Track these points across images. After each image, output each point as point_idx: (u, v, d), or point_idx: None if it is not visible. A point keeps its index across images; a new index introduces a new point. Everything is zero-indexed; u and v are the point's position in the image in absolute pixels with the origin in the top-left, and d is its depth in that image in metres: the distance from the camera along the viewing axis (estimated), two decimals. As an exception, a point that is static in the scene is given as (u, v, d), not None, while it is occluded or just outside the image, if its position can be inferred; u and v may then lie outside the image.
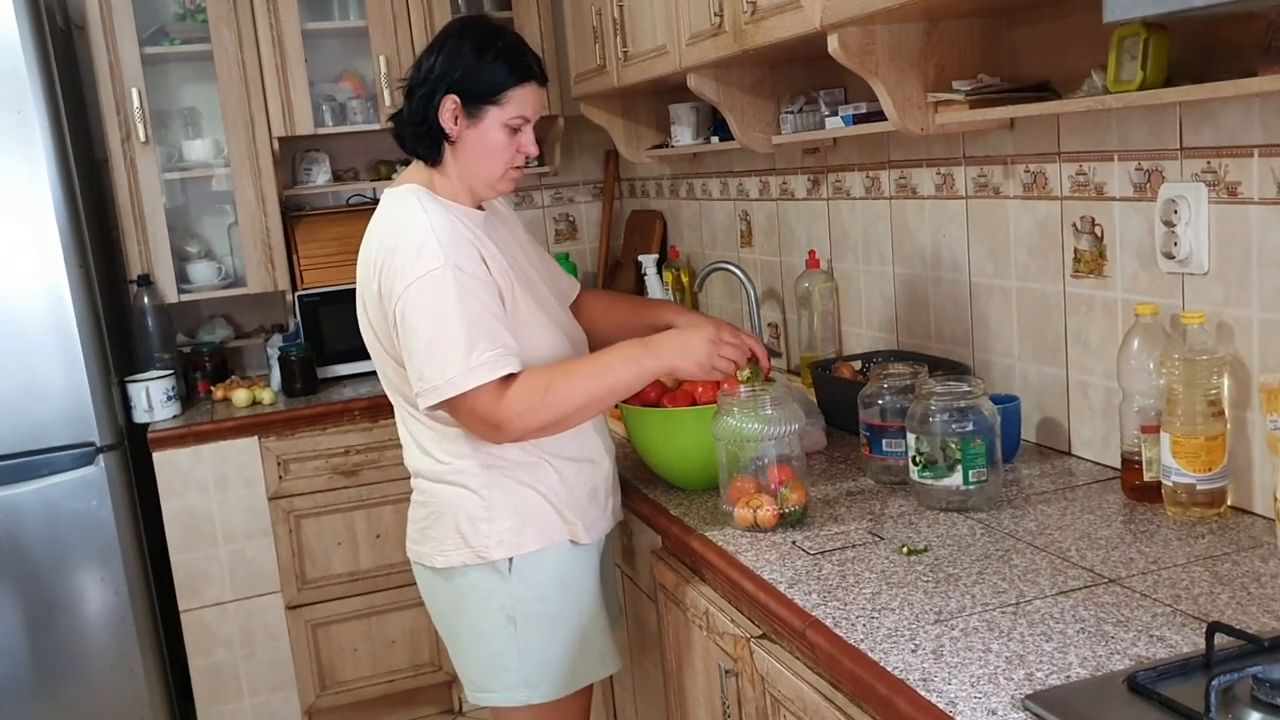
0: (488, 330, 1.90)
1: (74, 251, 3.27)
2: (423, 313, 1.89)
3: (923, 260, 2.60)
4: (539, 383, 1.91)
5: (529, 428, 1.92)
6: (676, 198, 4.03)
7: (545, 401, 1.90)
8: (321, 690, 3.64)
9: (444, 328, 1.88)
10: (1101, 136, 2.04)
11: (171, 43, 3.75)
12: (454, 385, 1.87)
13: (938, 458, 1.96)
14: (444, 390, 1.88)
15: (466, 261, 1.93)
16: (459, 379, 1.87)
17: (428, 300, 1.89)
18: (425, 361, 1.89)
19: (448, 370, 1.87)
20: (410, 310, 1.90)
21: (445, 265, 1.89)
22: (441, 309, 1.88)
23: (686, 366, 1.98)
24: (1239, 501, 1.85)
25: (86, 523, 3.31)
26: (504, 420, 1.89)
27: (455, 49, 2.00)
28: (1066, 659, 1.39)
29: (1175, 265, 1.90)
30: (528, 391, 1.90)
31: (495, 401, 1.88)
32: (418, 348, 1.90)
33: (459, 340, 1.87)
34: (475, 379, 1.87)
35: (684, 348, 1.98)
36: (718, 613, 1.92)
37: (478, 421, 1.92)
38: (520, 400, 1.89)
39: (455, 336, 1.87)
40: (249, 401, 3.59)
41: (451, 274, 1.89)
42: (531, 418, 1.91)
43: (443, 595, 2.12)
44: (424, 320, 1.89)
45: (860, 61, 2.14)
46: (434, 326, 1.88)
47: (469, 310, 1.89)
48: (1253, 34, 1.66)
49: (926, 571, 1.72)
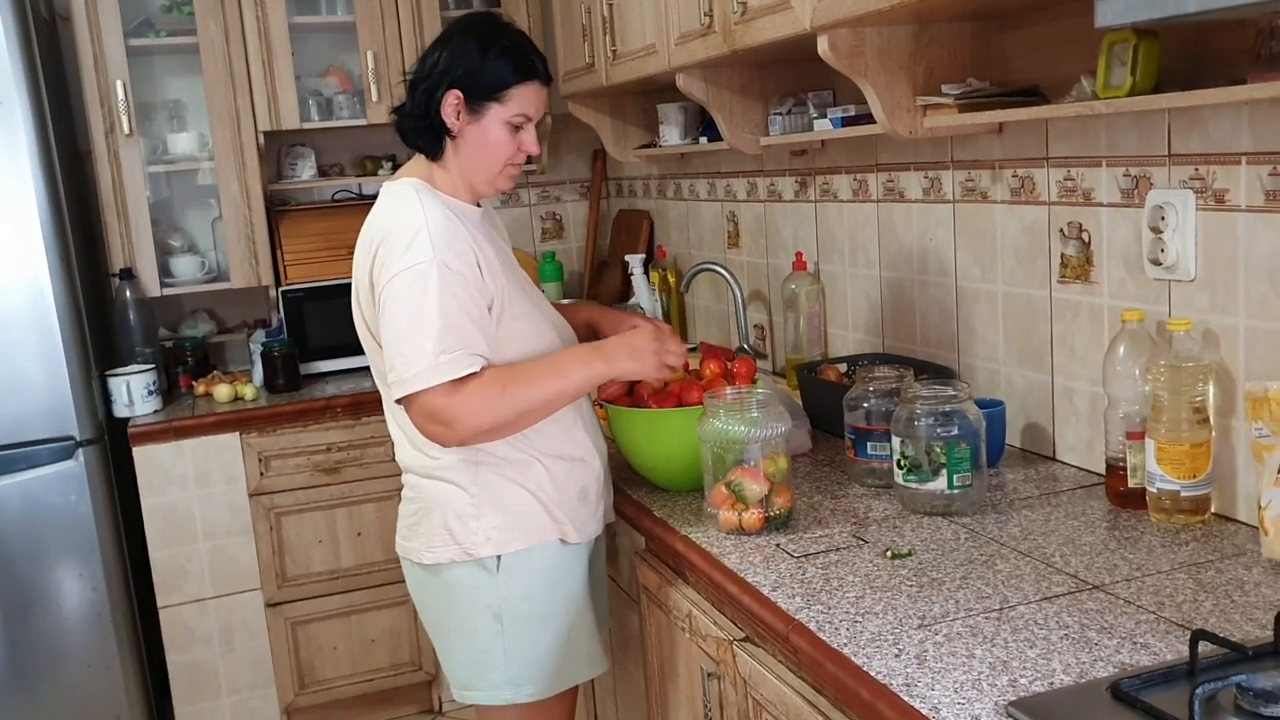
0: (459, 331, 1.89)
1: (55, 244, 3.24)
2: (402, 305, 1.89)
3: (909, 264, 2.59)
4: (495, 382, 1.90)
5: (480, 427, 1.91)
6: (664, 198, 4.02)
7: (500, 401, 1.90)
8: (300, 689, 3.61)
9: (419, 322, 1.88)
10: (1090, 142, 2.04)
11: (157, 35, 3.73)
12: (416, 380, 1.87)
13: (922, 461, 1.96)
14: (407, 385, 1.88)
15: (456, 259, 1.92)
16: (421, 375, 1.87)
17: (408, 293, 1.88)
18: (398, 352, 1.89)
19: (415, 365, 1.87)
20: (391, 302, 1.90)
21: (432, 260, 1.89)
22: (421, 304, 1.88)
23: (636, 369, 2.04)
24: (1223, 509, 1.85)
25: (65, 518, 3.28)
26: (455, 417, 1.88)
27: (460, 45, 2.00)
28: (1050, 665, 1.38)
29: (1162, 272, 1.90)
30: (482, 391, 1.89)
31: (449, 399, 1.87)
32: (392, 339, 1.90)
33: (430, 336, 1.87)
34: (435, 377, 1.86)
35: (633, 351, 2.03)
36: (701, 615, 1.91)
37: (428, 419, 1.90)
38: (475, 398, 1.88)
39: (428, 332, 1.87)
40: (231, 397, 3.57)
41: (437, 269, 1.88)
42: (484, 416, 1.90)
43: (430, 592, 2.11)
44: (401, 313, 1.89)
45: (850, 64, 2.13)
46: (410, 320, 1.88)
47: (446, 308, 1.88)
48: (1243, 41, 1.66)
49: (910, 576, 1.71)
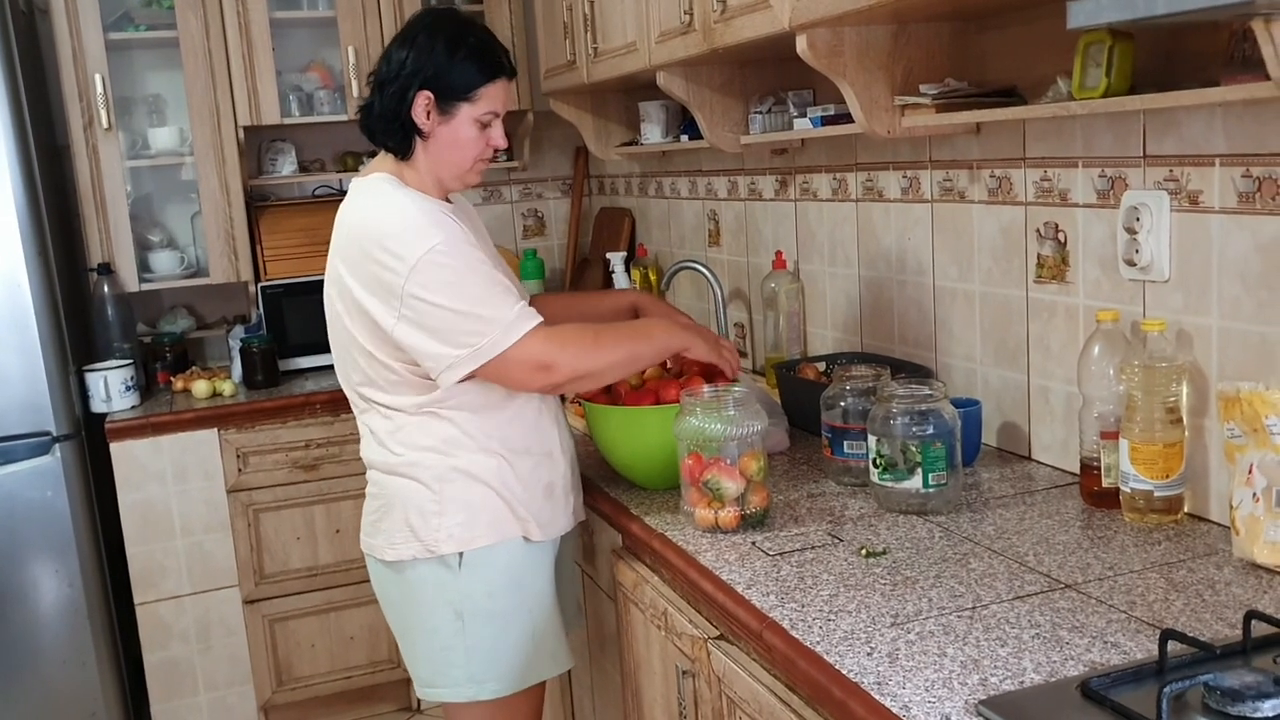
0: (504, 287, 1.95)
1: (33, 238, 3.23)
2: (438, 287, 1.89)
3: (888, 263, 2.60)
4: (588, 331, 2.02)
5: (578, 370, 1.98)
6: (645, 196, 4.02)
7: (595, 347, 2.00)
8: (278, 686, 3.60)
9: (468, 293, 1.91)
10: (1066, 143, 2.04)
11: (136, 29, 3.71)
12: (505, 339, 1.91)
13: (898, 460, 1.96)
14: (489, 350, 1.90)
15: (455, 234, 1.95)
16: (506, 332, 1.91)
17: (439, 274, 1.90)
18: (457, 329, 1.90)
19: (489, 331, 1.90)
20: (422, 289, 1.89)
21: (440, 240, 1.91)
22: (458, 278, 1.91)
23: (700, 347, 2.13)
24: (1196, 509, 1.86)
25: (41, 513, 3.27)
26: (554, 361, 1.94)
27: (427, 46, 2.00)
28: (1021, 664, 1.39)
29: (1136, 272, 1.91)
30: (578, 336, 1.99)
31: (545, 344, 1.93)
32: (443, 321, 1.90)
33: (489, 300, 1.91)
34: (521, 328, 1.92)
35: (701, 334, 2.15)
36: (676, 613, 1.91)
37: (529, 367, 1.94)
38: (571, 343, 1.97)
39: (484, 298, 1.91)
40: (209, 393, 3.56)
41: (448, 245, 1.91)
42: (581, 360, 1.98)
43: (393, 588, 2.11)
44: (443, 293, 1.90)
45: (828, 63, 2.13)
46: (457, 295, 1.90)
47: (481, 274, 1.93)
48: (1216, 44, 1.67)
49: (884, 574, 1.71)
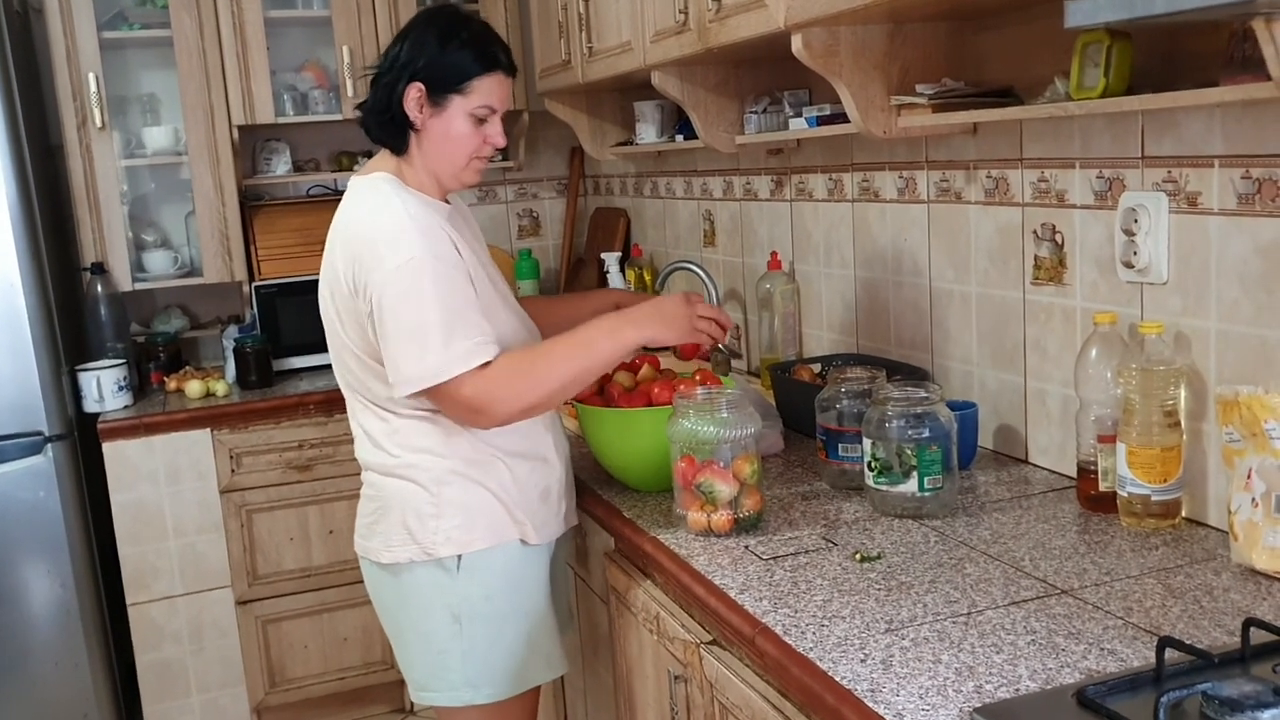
0: (466, 317, 1.89)
1: (26, 238, 3.21)
2: (402, 300, 1.87)
3: (884, 264, 2.58)
4: (520, 363, 1.91)
5: (513, 410, 1.91)
6: (641, 196, 4.00)
7: (528, 382, 1.90)
8: (271, 687, 3.58)
9: (424, 315, 1.86)
10: (1064, 144, 2.03)
11: (130, 28, 3.69)
12: (434, 374, 1.86)
13: (893, 463, 1.95)
14: (424, 379, 1.87)
15: (443, 249, 1.92)
16: (440, 367, 1.86)
17: (406, 288, 1.87)
18: (404, 349, 1.87)
19: (428, 359, 1.86)
20: (388, 298, 1.88)
21: (424, 254, 1.88)
22: (420, 297, 1.87)
23: (667, 333, 1.98)
24: (1193, 513, 1.84)
25: (33, 514, 3.26)
26: (486, 404, 1.88)
27: (420, 37, 1.99)
28: (1016, 671, 1.37)
29: (1134, 274, 1.89)
30: (510, 374, 1.89)
31: (477, 386, 1.87)
32: (397, 336, 1.88)
33: (438, 328, 1.86)
34: (456, 367, 1.86)
35: (662, 314, 1.99)
36: (668, 617, 1.89)
37: (462, 408, 1.90)
38: (503, 383, 1.88)
39: (435, 324, 1.86)
40: (202, 393, 3.54)
41: (430, 262, 1.88)
42: (516, 400, 1.90)
43: (388, 591, 2.09)
44: (403, 308, 1.87)
45: (824, 63, 2.12)
46: (414, 314, 1.87)
47: (447, 297, 1.88)
48: (1215, 44, 1.65)
49: (879, 579, 1.70)
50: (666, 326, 1.98)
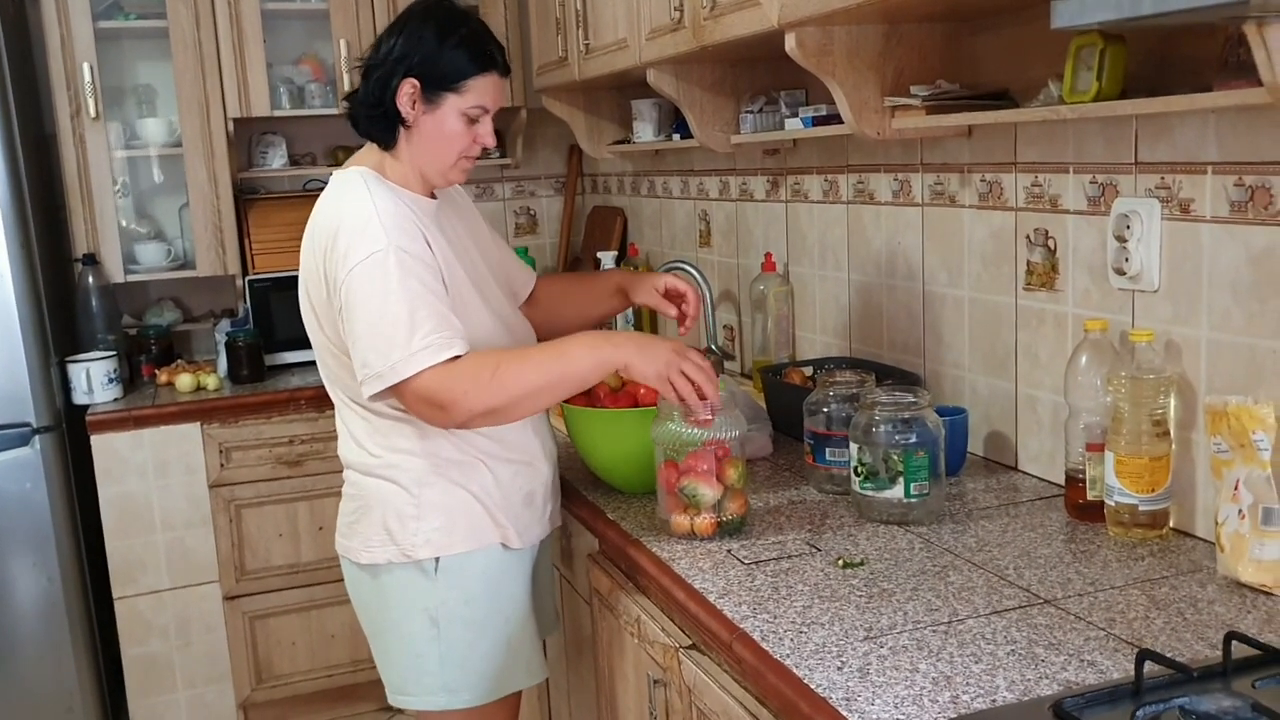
0: (432, 312, 1.83)
1: (16, 227, 3.19)
2: (366, 296, 1.83)
3: (878, 267, 2.56)
4: (488, 363, 1.83)
5: (475, 410, 1.82)
6: (638, 195, 3.98)
7: (494, 382, 1.81)
8: (258, 683, 3.57)
9: (387, 311, 1.82)
10: (1058, 148, 2.00)
11: (126, 18, 3.67)
12: (397, 371, 1.81)
13: (880, 469, 1.93)
14: (387, 376, 1.81)
15: (410, 243, 1.87)
16: (402, 364, 1.80)
17: (371, 283, 1.83)
18: (369, 346, 1.83)
19: (391, 355, 1.81)
20: (353, 294, 1.84)
21: (388, 247, 1.84)
22: (385, 291, 1.82)
23: (642, 369, 1.86)
24: (1181, 524, 1.82)
25: (20, 505, 3.24)
26: (450, 401, 1.81)
27: (417, 32, 1.95)
28: (994, 682, 1.35)
29: (1126, 281, 1.87)
30: (475, 371, 1.82)
31: (441, 382, 1.80)
32: (361, 332, 1.84)
33: (402, 323, 1.81)
34: (419, 362, 1.80)
35: (643, 349, 1.87)
36: (649, 621, 1.87)
37: (424, 404, 1.83)
38: (467, 380, 1.81)
39: (398, 320, 1.81)
40: (193, 387, 3.52)
41: (395, 256, 1.83)
42: (478, 399, 1.81)
43: (367, 592, 2.07)
44: (367, 304, 1.83)
45: (817, 62, 2.10)
46: (378, 310, 1.82)
47: (412, 292, 1.83)
48: (1210, 48, 1.63)
49: (861, 586, 1.68)
50: (644, 361, 1.85)
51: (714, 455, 1.90)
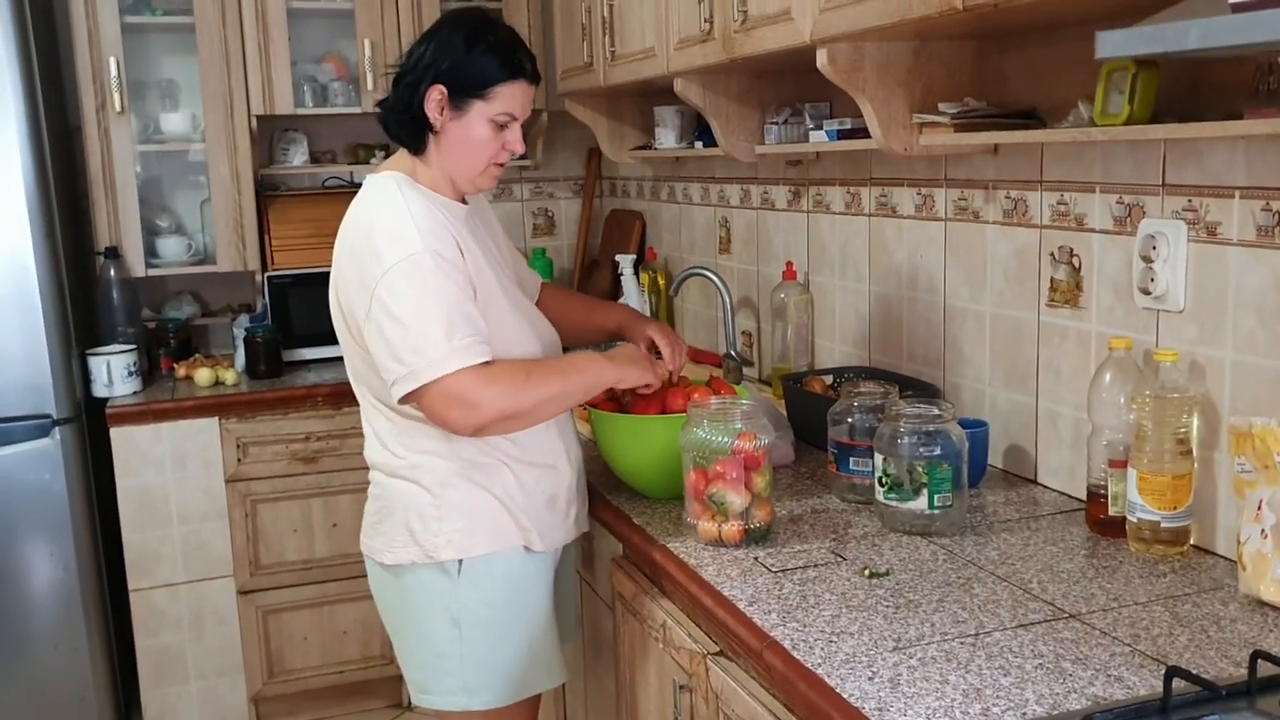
0: (465, 315, 1.88)
1: (41, 220, 3.22)
2: (401, 297, 1.86)
3: (899, 279, 2.59)
4: (520, 368, 1.92)
5: (505, 410, 1.88)
6: (657, 200, 4.00)
7: (525, 387, 1.90)
8: (269, 678, 3.59)
9: (423, 312, 1.85)
10: (1085, 168, 2.03)
11: (153, 13, 3.70)
12: (433, 369, 1.84)
13: (904, 480, 1.95)
14: (422, 374, 1.84)
15: (444, 247, 1.90)
16: (439, 362, 1.84)
17: (406, 284, 1.86)
18: (403, 346, 1.86)
19: (428, 353, 1.84)
20: (388, 294, 1.86)
21: (424, 250, 1.87)
22: (421, 293, 1.86)
23: (636, 373, 2.07)
24: (1202, 541, 1.84)
25: (39, 496, 3.27)
26: (482, 400, 1.85)
27: (446, 39, 1.98)
28: (1024, 695, 1.38)
29: (1151, 301, 1.89)
30: (509, 374, 1.89)
31: (474, 382, 1.85)
32: (395, 332, 1.86)
33: (439, 324, 1.84)
34: (455, 362, 1.84)
35: (637, 365, 2.09)
36: (675, 626, 1.90)
37: (453, 402, 1.85)
38: (501, 381, 1.87)
39: (435, 320, 1.85)
40: (211, 381, 3.54)
41: (430, 258, 1.87)
42: (508, 400, 1.88)
43: (390, 592, 2.10)
44: (402, 305, 1.86)
45: (848, 78, 2.12)
46: (413, 311, 1.85)
47: (447, 295, 1.87)
48: (1241, 76, 1.65)
49: (887, 596, 1.70)
50: (636, 366, 2.08)
51: (742, 463, 1.92)
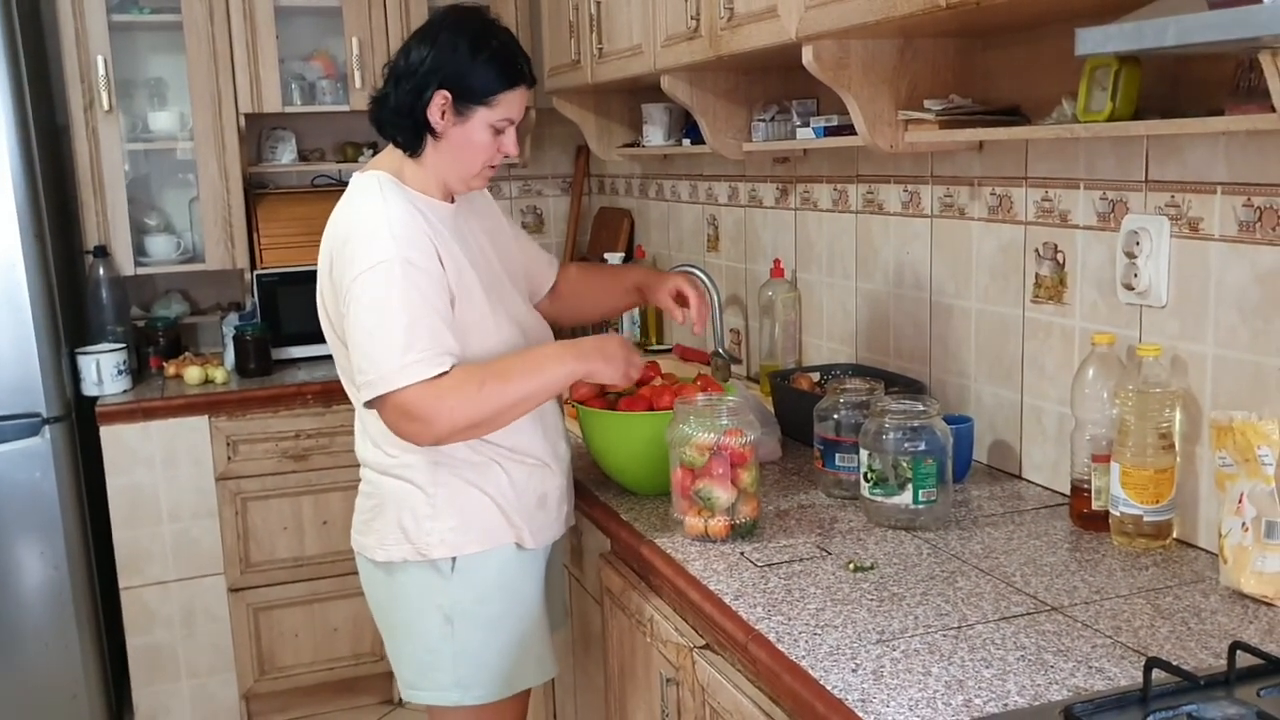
0: (429, 327, 1.86)
1: (29, 219, 3.22)
2: (366, 305, 1.86)
3: (885, 276, 2.60)
4: (473, 379, 1.87)
5: (457, 424, 1.87)
6: (646, 197, 4.02)
7: (479, 398, 1.86)
8: (260, 675, 3.60)
9: (385, 321, 1.85)
10: (1069, 164, 2.05)
11: (140, 11, 3.69)
12: (386, 382, 1.83)
13: (889, 475, 1.97)
14: (377, 385, 1.84)
15: (418, 255, 1.89)
16: (390, 376, 1.83)
17: (372, 292, 1.86)
18: (364, 354, 1.86)
19: (382, 366, 1.84)
20: (355, 301, 1.87)
21: (395, 258, 1.86)
22: (385, 302, 1.85)
23: (606, 369, 2.01)
24: (1184, 535, 1.86)
25: (29, 495, 3.27)
26: (433, 415, 1.84)
27: (450, 44, 1.95)
28: (1005, 686, 1.39)
29: (1134, 296, 1.91)
30: (460, 386, 1.85)
31: (425, 397, 1.83)
32: (359, 340, 1.87)
33: (399, 335, 1.84)
34: (407, 377, 1.83)
35: (605, 354, 2.01)
36: (662, 620, 1.91)
37: (404, 418, 1.86)
38: (451, 395, 1.84)
39: (394, 331, 1.84)
40: (201, 379, 3.55)
41: (400, 267, 1.86)
42: (461, 413, 1.86)
43: (382, 589, 2.10)
44: (367, 312, 1.86)
45: (834, 75, 2.13)
46: (376, 319, 1.85)
47: (413, 305, 1.86)
48: (1222, 72, 1.67)
49: (871, 589, 1.72)
50: (606, 363, 2.00)
51: (729, 459, 1.94)
